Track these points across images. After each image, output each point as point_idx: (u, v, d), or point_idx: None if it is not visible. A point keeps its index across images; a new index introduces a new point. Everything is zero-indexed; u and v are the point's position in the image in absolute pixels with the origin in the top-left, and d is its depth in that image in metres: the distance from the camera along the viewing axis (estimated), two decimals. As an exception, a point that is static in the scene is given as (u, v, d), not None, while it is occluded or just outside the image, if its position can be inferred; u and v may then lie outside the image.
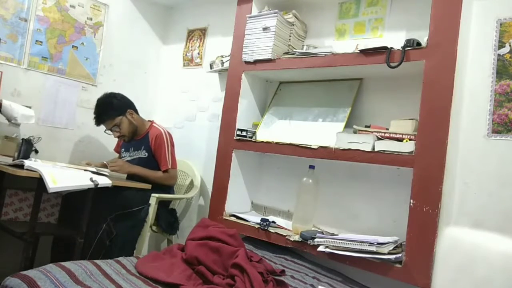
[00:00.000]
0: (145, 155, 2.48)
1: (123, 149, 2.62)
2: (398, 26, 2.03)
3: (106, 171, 2.23)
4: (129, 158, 2.54)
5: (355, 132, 1.88)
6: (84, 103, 2.80)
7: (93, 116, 2.45)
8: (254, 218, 2.18)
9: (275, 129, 2.27)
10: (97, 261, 1.54)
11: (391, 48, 1.77)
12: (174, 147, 2.53)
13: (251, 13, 2.32)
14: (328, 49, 2.06)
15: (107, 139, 2.91)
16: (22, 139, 2.32)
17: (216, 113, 2.72)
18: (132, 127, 2.49)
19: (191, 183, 2.75)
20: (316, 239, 1.80)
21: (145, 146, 2.49)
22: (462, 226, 1.65)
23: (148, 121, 2.62)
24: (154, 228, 2.40)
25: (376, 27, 2.11)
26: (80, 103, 2.79)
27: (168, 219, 2.45)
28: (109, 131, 2.50)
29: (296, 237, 1.92)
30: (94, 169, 2.16)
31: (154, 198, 2.31)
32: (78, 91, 2.78)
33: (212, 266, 1.54)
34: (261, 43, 2.21)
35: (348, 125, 2.00)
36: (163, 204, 2.45)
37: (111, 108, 2.43)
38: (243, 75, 2.32)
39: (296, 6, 2.33)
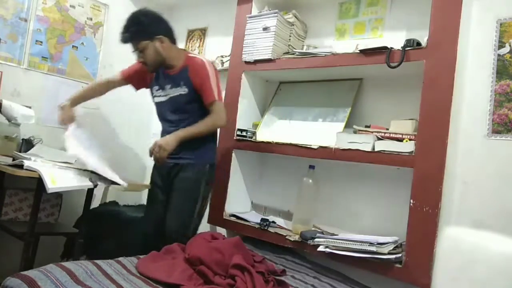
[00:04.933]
0: (185, 91, 2.03)
1: (156, 87, 2.15)
2: (398, 26, 2.03)
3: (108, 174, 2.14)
4: (165, 98, 2.10)
5: (355, 132, 1.88)
6: (84, 103, 2.80)
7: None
8: (254, 218, 2.18)
9: (275, 129, 2.27)
10: (98, 261, 1.54)
11: (391, 48, 1.77)
12: (219, 80, 2.07)
13: (251, 13, 2.32)
14: (328, 49, 2.06)
15: (107, 140, 2.91)
16: (22, 139, 2.32)
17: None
18: (158, 57, 2.03)
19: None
20: (316, 239, 1.80)
21: (185, 81, 2.03)
22: (462, 226, 1.65)
23: (183, 50, 2.19)
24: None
25: (376, 27, 2.12)
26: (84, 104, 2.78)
27: None
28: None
29: (296, 237, 1.92)
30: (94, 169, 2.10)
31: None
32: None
33: (214, 267, 1.54)
34: (261, 43, 2.21)
35: (348, 125, 2.00)
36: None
37: (138, 28, 2.00)
38: (243, 75, 2.32)
39: (296, 6, 2.33)
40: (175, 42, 2.11)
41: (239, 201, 2.37)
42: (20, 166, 1.85)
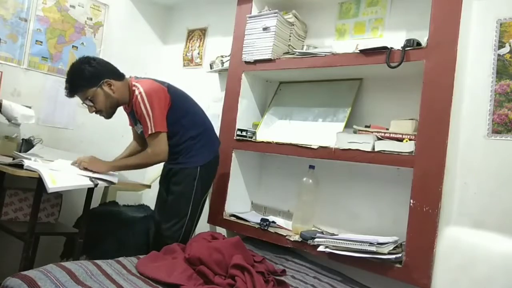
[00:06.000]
0: (140, 126, 2.01)
1: (133, 122, 2.16)
2: (398, 26, 2.03)
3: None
4: (140, 131, 2.08)
5: (355, 132, 1.88)
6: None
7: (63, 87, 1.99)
8: (254, 218, 2.18)
9: (275, 129, 2.27)
10: (98, 261, 1.54)
11: (391, 48, 1.77)
12: (162, 103, 1.96)
13: (251, 13, 2.32)
14: (328, 49, 2.06)
15: (107, 140, 2.91)
16: (22, 139, 2.32)
17: (216, 113, 2.72)
18: (110, 101, 1.97)
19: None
20: (316, 239, 1.80)
21: (135, 118, 2.02)
22: (462, 226, 1.65)
23: (127, 81, 2.04)
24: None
25: (376, 27, 2.11)
26: (80, 103, 2.78)
27: None
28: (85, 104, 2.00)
29: (296, 237, 1.92)
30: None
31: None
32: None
33: (214, 267, 1.54)
34: (261, 43, 2.21)
35: (348, 125, 2.00)
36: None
37: (82, 78, 1.91)
38: (243, 75, 2.32)
39: (296, 6, 2.33)
40: (122, 76, 2.04)
41: (239, 201, 2.37)
42: (20, 166, 1.85)
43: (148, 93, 1.92)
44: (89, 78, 1.93)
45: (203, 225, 2.52)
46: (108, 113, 2.04)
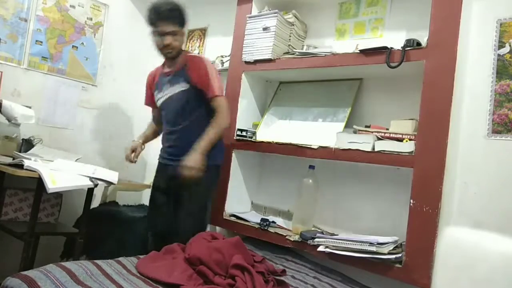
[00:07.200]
0: (184, 87, 2.01)
1: (156, 92, 2.16)
2: (398, 26, 2.03)
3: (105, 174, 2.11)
4: (164, 98, 2.09)
5: (355, 132, 1.88)
6: (84, 103, 2.80)
7: (151, 11, 2.00)
8: (254, 218, 2.18)
9: (275, 129, 2.27)
10: (98, 261, 1.54)
11: (391, 48, 1.77)
12: (220, 79, 2.06)
13: (251, 13, 2.32)
14: (328, 49, 2.06)
15: (107, 139, 2.92)
16: (22, 139, 2.32)
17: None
18: (180, 47, 2.08)
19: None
20: (316, 239, 1.80)
21: (184, 77, 2.02)
22: (462, 226, 1.65)
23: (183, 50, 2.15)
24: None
25: (376, 27, 2.11)
26: (80, 103, 2.79)
27: None
28: (157, 37, 2.01)
29: (296, 237, 1.92)
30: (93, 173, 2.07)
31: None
32: (78, 91, 2.78)
33: (214, 267, 1.54)
34: (261, 43, 2.21)
35: (348, 125, 2.00)
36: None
37: (181, 14, 2.02)
38: (243, 75, 2.32)
39: (296, 6, 2.33)
40: None
41: (239, 201, 2.37)
42: (20, 166, 1.85)
43: (213, 65, 2.07)
44: (183, 17, 2.04)
45: (203, 225, 2.52)
46: (174, 54, 2.07)
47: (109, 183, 2.03)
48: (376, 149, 1.75)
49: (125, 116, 3.05)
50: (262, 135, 2.24)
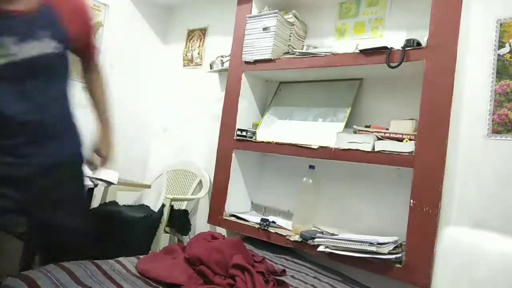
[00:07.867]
0: (55, 48, 1.23)
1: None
2: (398, 26, 2.03)
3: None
4: (4, 60, 1.16)
5: (355, 132, 1.88)
6: (84, 103, 2.79)
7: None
8: (254, 218, 2.18)
9: (275, 129, 2.27)
10: (98, 261, 1.54)
11: (391, 48, 1.77)
12: None
13: (251, 13, 2.32)
14: (328, 49, 2.06)
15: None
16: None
17: (216, 113, 2.72)
18: None
19: (199, 183, 2.75)
20: (316, 239, 1.80)
21: (51, 29, 1.22)
22: (462, 226, 1.65)
23: None
24: (167, 229, 2.45)
25: (376, 27, 2.11)
26: (80, 103, 2.78)
27: (181, 220, 2.45)
28: None
29: (296, 237, 1.92)
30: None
31: (168, 200, 2.33)
32: (78, 91, 2.77)
33: (214, 267, 1.54)
34: (261, 43, 2.21)
35: (348, 125, 2.00)
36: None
37: None
38: (243, 75, 2.32)
39: (296, 6, 2.33)
40: None
41: (239, 201, 2.37)
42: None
43: None
44: None
45: (203, 225, 2.52)
46: None
47: (109, 183, 2.02)
48: (376, 149, 1.75)
49: (125, 117, 3.04)
50: (262, 135, 2.24)
